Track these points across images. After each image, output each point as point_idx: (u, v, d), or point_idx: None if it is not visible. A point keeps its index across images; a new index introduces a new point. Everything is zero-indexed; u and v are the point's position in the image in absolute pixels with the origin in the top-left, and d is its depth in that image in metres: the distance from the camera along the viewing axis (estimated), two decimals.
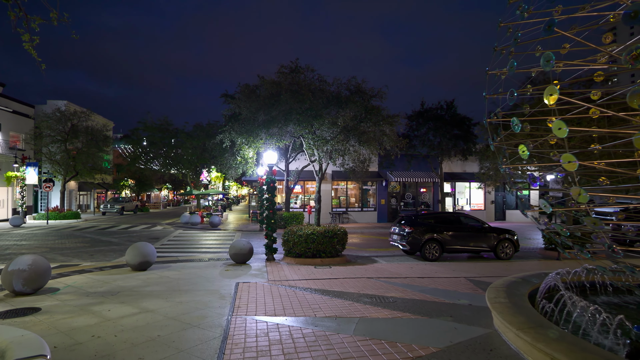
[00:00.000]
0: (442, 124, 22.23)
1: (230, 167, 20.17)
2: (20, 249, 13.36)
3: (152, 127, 28.36)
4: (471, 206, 27.58)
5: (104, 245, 14.38)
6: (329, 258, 10.94)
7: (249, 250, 10.66)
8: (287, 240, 11.19)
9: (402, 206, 26.41)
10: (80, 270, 9.18)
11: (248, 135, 10.98)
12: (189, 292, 7.20)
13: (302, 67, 11.59)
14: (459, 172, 27.01)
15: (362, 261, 11.44)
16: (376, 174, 25.41)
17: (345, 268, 10.13)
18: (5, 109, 27.24)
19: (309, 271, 9.61)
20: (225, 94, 19.35)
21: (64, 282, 7.87)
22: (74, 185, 36.05)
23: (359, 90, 11.94)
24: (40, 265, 6.78)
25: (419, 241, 11.87)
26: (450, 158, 24.86)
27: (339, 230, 11.20)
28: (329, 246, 10.90)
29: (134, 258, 9.06)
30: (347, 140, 10.22)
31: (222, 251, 13.48)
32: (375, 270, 9.92)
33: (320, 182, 12.08)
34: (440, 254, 11.90)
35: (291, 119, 10.79)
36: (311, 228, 11.10)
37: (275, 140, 11.09)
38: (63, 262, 10.79)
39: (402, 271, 9.88)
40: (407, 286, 7.96)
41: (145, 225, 23.49)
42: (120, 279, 8.30)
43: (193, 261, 10.89)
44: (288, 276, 8.92)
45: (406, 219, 12.47)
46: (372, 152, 11.01)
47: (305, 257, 10.89)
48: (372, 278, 8.81)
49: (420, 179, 25.28)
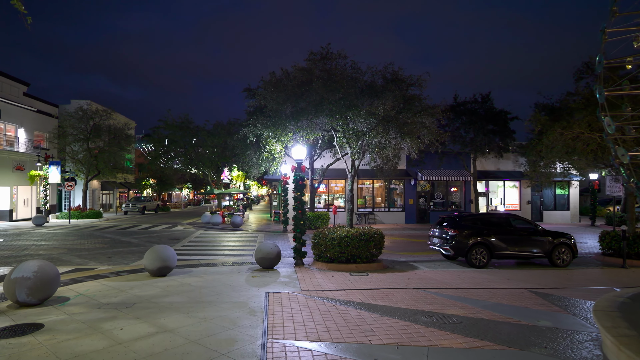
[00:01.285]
0: (476, 119, 20.68)
1: (253, 165, 19.30)
2: (38, 249, 12.83)
3: (173, 126, 27.91)
4: (505, 206, 25.86)
5: (123, 247, 13.72)
6: (365, 264, 9.84)
7: (276, 254, 9.68)
8: (317, 244, 10.15)
9: (431, 206, 24.98)
10: (95, 276, 8.40)
11: (275, 128, 10.00)
12: (214, 304, 6.24)
13: (333, 54, 10.53)
14: (493, 170, 25.35)
15: (401, 267, 10.28)
16: (404, 172, 24.08)
17: (385, 276, 9.01)
18: (29, 108, 27.32)
19: (345, 279, 8.53)
20: (247, 89, 18.53)
21: (75, 290, 7.06)
22: (97, 185, 36.18)
23: (396, 78, 10.77)
24: (48, 273, 5.96)
25: (464, 245, 10.61)
26: (483, 155, 23.26)
27: (375, 233, 10.08)
28: (365, 251, 9.80)
29: (153, 263, 8.20)
30: (386, 133, 9.07)
31: (246, 254, 12.58)
32: (419, 279, 8.75)
33: (353, 180, 10.98)
34: (488, 260, 10.60)
35: (322, 110, 9.74)
36: (345, 230, 10.02)
37: (305, 134, 10.06)
38: (79, 266, 10.09)
39: (450, 280, 8.68)
40: (464, 300, 6.78)
41: (165, 225, 22.97)
42: (137, 286, 7.45)
43: (216, 265, 9.99)
44: (323, 285, 7.87)
45: (449, 221, 11.21)
46: (414, 146, 9.82)
47: (338, 263, 9.82)
48: (419, 289, 7.65)
49: (450, 178, 23.80)
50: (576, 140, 11.23)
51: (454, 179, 23.89)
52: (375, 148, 9.42)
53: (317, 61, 10.39)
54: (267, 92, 11.15)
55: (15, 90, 26.75)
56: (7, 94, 25.69)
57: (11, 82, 26.45)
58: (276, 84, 10.82)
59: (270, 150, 10.81)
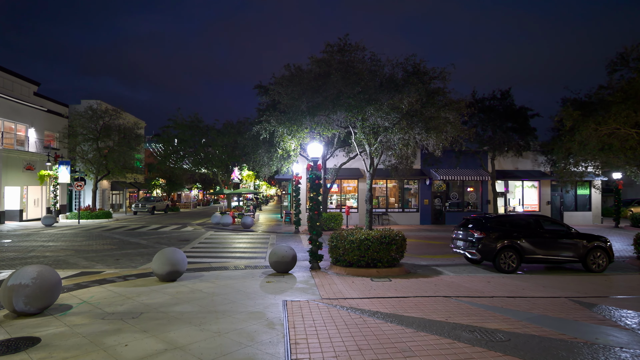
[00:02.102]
0: (495, 116, 19.87)
1: (264, 164, 18.77)
2: (44, 251, 12.45)
3: (183, 125, 27.56)
4: (524, 207, 24.95)
5: (131, 248, 13.28)
6: (386, 268, 9.20)
7: (292, 258, 9.11)
8: (335, 247, 9.54)
9: (447, 207, 24.19)
10: (101, 280, 7.91)
11: (291, 124, 9.41)
12: (227, 314, 5.68)
13: (351, 45, 9.90)
14: (511, 170, 24.46)
15: (424, 272, 9.62)
16: (419, 171, 23.35)
17: (409, 282, 8.36)
18: (39, 108, 27.22)
19: (367, 285, 7.91)
20: (259, 85, 18.01)
21: (79, 297, 6.56)
22: (107, 185, 36.07)
23: (418, 71, 10.11)
24: (48, 280, 5.46)
25: (492, 249, 9.90)
26: (502, 154, 22.42)
27: (397, 236, 9.43)
28: (386, 254, 9.16)
29: (162, 267, 7.68)
30: (411, 128, 8.40)
31: (258, 256, 12.04)
32: (446, 285, 8.09)
33: (372, 179, 10.35)
34: (517, 265, 9.88)
35: (341, 105, 9.12)
36: (364, 233, 9.39)
37: (322, 129, 9.46)
38: (85, 269, 9.63)
39: (480, 287, 8.01)
40: (503, 311, 6.11)
41: (175, 225, 22.58)
42: (145, 292, 6.92)
43: (228, 269, 9.45)
44: (344, 292, 7.26)
45: (475, 222, 10.51)
46: (441, 142, 9.13)
47: (357, 267, 9.20)
48: (450, 297, 7.00)
49: (467, 177, 22.98)
50: (612, 136, 10.44)
51: (471, 178, 23.07)
52: (399, 144, 8.75)
53: (335, 53, 9.78)
54: (280, 86, 10.58)
55: (25, 89, 26.67)
56: (17, 93, 25.61)
57: (22, 82, 26.37)
58: (291, 78, 10.25)
59: (285, 147, 10.24)
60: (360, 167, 23.05)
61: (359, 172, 22.95)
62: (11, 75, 25.25)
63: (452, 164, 22.79)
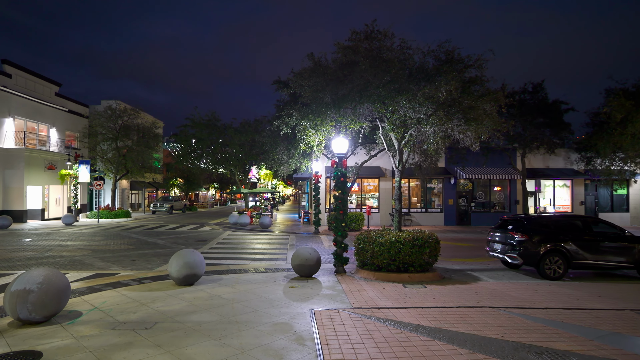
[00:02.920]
0: (526, 111, 18.70)
1: (282, 162, 18.19)
2: (62, 250, 12.19)
3: (200, 124, 27.35)
4: (555, 207, 23.61)
5: (148, 248, 12.90)
6: (419, 273, 8.44)
7: (316, 261, 8.46)
8: (362, 249, 8.84)
9: (472, 207, 23.09)
10: (115, 284, 7.44)
11: (315, 117, 8.75)
12: (250, 326, 5.06)
13: (379, 32, 9.17)
14: (542, 168, 23.16)
15: (459, 277, 8.81)
16: (443, 170, 22.35)
17: (446, 289, 7.58)
18: (61, 108, 27.46)
19: (399, 292, 7.18)
20: (277, 80, 17.44)
21: (90, 302, 6.07)
22: (126, 185, 36.31)
23: (452, 58, 9.29)
24: (55, 285, 4.96)
25: (535, 253, 9.00)
26: (532, 151, 21.20)
27: (430, 238, 8.66)
28: (419, 258, 8.40)
29: (179, 270, 7.15)
30: (449, 119, 7.60)
31: (278, 258, 11.44)
32: (489, 293, 7.28)
33: (401, 177, 9.58)
34: (564, 271, 8.95)
35: (369, 95, 8.41)
36: (394, 234, 8.66)
37: (349, 123, 8.76)
38: (100, 270, 9.22)
39: (528, 296, 7.16)
40: (566, 327, 5.28)
41: (193, 225, 22.28)
42: (160, 298, 6.39)
43: (248, 272, 8.87)
44: (376, 300, 6.56)
45: (515, 224, 9.62)
46: (482, 134, 8.28)
47: (387, 272, 8.47)
48: (497, 308, 6.20)
49: (494, 176, 21.82)
50: None
51: (498, 177, 21.91)
52: (436, 137, 7.95)
53: (361, 41, 9.07)
54: (302, 78, 9.93)
55: (47, 90, 26.94)
56: (39, 94, 25.87)
57: (44, 83, 26.64)
58: (313, 68, 9.59)
59: (309, 142, 9.59)
60: (381, 165, 22.24)
61: (380, 171, 22.15)
62: (33, 76, 25.52)
63: (479, 162, 21.69)
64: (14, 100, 23.27)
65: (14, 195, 22.64)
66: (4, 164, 22.36)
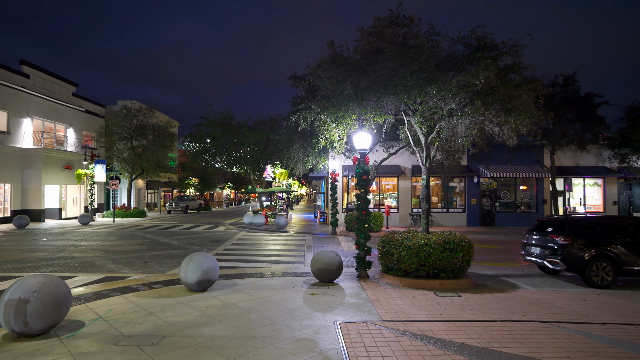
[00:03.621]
0: (556, 105, 17.59)
1: (298, 160, 17.61)
2: (74, 251, 11.89)
3: (214, 122, 27.06)
4: (586, 207, 22.34)
5: (161, 249, 12.50)
6: (450, 280, 7.70)
7: (337, 265, 7.82)
8: (387, 253, 8.15)
9: (497, 207, 22.04)
10: (124, 288, 6.96)
11: (336, 110, 8.10)
12: (268, 341, 4.46)
13: (404, 17, 8.45)
14: (571, 166, 21.93)
15: (494, 284, 8.04)
16: (466, 168, 21.37)
17: (482, 298, 6.84)
18: (78, 108, 27.60)
19: (432, 302, 6.48)
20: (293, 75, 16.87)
21: (95, 311, 5.58)
22: (142, 184, 36.43)
23: (485, 45, 8.49)
24: (53, 293, 4.46)
25: (580, 258, 8.13)
26: (561, 148, 20.03)
27: (463, 241, 7.91)
28: (450, 263, 7.66)
29: (191, 275, 6.62)
30: (487, 109, 6.82)
31: (296, 260, 10.85)
32: (533, 304, 6.50)
33: (428, 174, 8.85)
34: (614, 279, 8.05)
35: (396, 85, 7.71)
36: (423, 237, 7.94)
37: (373, 116, 8.08)
38: (110, 273, 8.79)
39: (578, 308, 6.36)
40: (637, 348, 4.49)
41: (207, 225, 21.94)
42: (170, 306, 5.86)
43: (264, 276, 8.30)
44: (408, 312, 5.87)
45: (556, 225, 8.76)
46: (524, 127, 7.46)
47: (415, 277, 7.76)
48: (548, 323, 5.44)
49: (520, 174, 20.72)
50: None
51: (525, 175, 20.81)
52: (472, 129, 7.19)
53: (386, 28, 8.37)
54: (321, 69, 9.29)
55: (64, 90, 27.08)
56: (56, 94, 26.01)
57: (61, 83, 26.79)
58: (333, 59, 8.94)
59: (329, 137, 8.95)
60: (400, 163, 21.43)
61: (399, 169, 21.33)
62: (51, 76, 25.67)
63: (504, 160, 20.65)
64: (32, 100, 23.39)
65: (32, 195, 22.74)
66: (22, 164, 22.48)
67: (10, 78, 22.00)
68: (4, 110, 21.51)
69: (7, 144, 21.54)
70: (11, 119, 21.92)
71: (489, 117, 6.91)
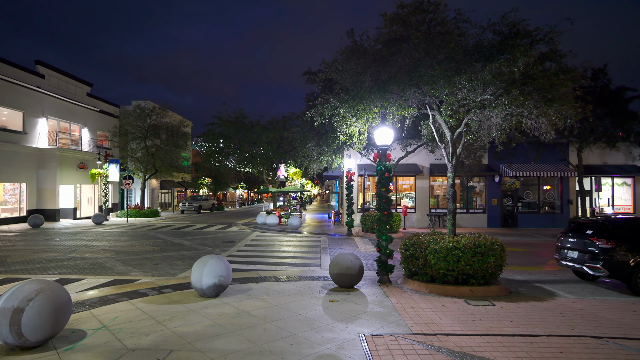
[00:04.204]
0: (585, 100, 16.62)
1: (313, 159, 17.10)
2: (85, 251, 11.63)
3: (227, 121, 26.80)
4: (614, 208, 21.24)
5: (173, 250, 12.15)
6: (482, 286, 7.08)
7: (358, 269, 7.30)
8: (412, 256, 7.57)
9: (519, 208, 21.12)
10: (132, 293, 6.56)
11: (356, 102, 7.54)
12: (288, 357, 3.96)
13: (429, 3, 7.85)
14: (598, 165, 20.86)
15: (529, 291, 7.38)
16: (487, 167, 20.53)
17: (519, 307, 6.20)
18: (92, 108, 27.70)
19: (464, 311, 5.88)
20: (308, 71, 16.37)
21: (99, 318, 5.17)
22: (156, 184, 36.51)
23: (517, 32, 7.81)
24: (51, 302, 4.05)
25: (625, 264, 7.41)
26: (589, 145, 19.02)
27: (495, 244, 7.27)
28: (481, 268, 7.04)
29: (202, 280, 6.17)
30: (526, 99, 6.14)
31: (312, 263, 10.35)
32: (577, 315, 5.84)
33: (455, 172, 8.23)
34: None
35: (421, 76, 7.13)
36: (451, 240, 7.34)
37: (396, 109, 7.50)
38: (119, 275, 8.44)
39: (629, 320, 5.69)
40: None
41: (220, 225, 21.63)
42: (180, 314, 5.41)
43: (279, 280, 7.82)
44: (440, 323, 5.30)
45: (596, 227, 8.03)
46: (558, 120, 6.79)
47: (443, 284, 7.17)
48: (601, 338, 4.79)
49: (545, 173, 19.78)
50: None
51: (550, 174, 19.86)
52: (511, 120, 6.52)
53: (410, 14, 7.79)
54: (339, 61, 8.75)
55: (79, 90, 27.20)
56: (71, 94, 26.12)
57: (75, 83, 26.91)
58: (352, 49, 8.39)
59: (349, 132, 8.41)
60: (418, 162, 20.73)
61: (417, 168, 20.63)
62: (65, 76, 25.78)
63: (527, 158, 19.73)
64: (47, 100, 23.50)
65: (47, 194, 22.82)
66: (37, 163, 22.58)
67: (25, 78, 22.11)
68: (20, 110, 21.62)
69: (22, 143, 21.64)
70: (27, 119, 22.02)
71: (528, 108, 6.26)
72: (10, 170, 20.74)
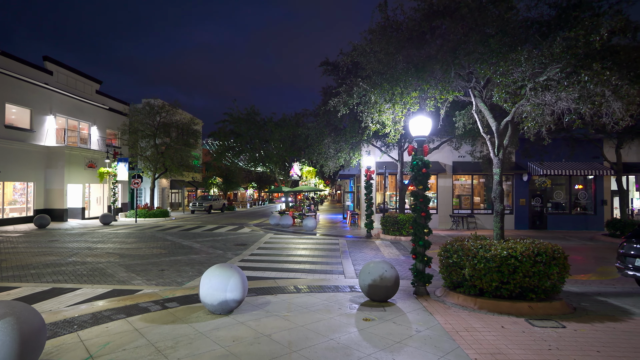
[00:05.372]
0: None
1: (330, 157, 16.06)
2: (87, 255, 10.79)
3: (239, 118, 25.94)
4: None
5: (182, 254, 11.23)
6: (542, 302, 5.94)
7: (394, 280, 6.25)
8: (455, 264, 6.48)
9: (548, 208, 19.73)
10: (130, 308, 5.60)
11: (391, 85, 6.45)
12: None
13: None
14: (636, 162, 19.36)
15: (595, 308, 6.22)
16: (514, 165, 19.21)
17: (595, 329, 5.07)
18: (101, 106, 27.13)
19: (532, 336, 4.78)
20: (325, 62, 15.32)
21: (87, 344, 4.21)
22: (166, 183, 35.92)
23: (578, 2, 6.66)
24: (17, 331, 3.08)
25: None
26: (627, 141, 17.55)
27: (557, 252, 6.14)
28: (543, 280, 5.90)
29: (213, 294, 5.18)
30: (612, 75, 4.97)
31: (333, 269, 9.30)
32: None
33: (501, 168, 7.11)
34: None
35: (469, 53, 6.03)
36: (505, 246, 6.21)
37: (440, 92, 6.41)
38: (120, 284, 7.51)
39: None
40: None
41: (231, 226, 20.74)
42: (185, 339, 4.42)
43: (301, 291, 6.79)
44: (509, 354, 4.21)
45: None
46: None
47: (495, 298, 6.05)
48: None
49: (577, 172, 18.38)
50: None
51: (583, 173, 18.47)
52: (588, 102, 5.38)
53: None
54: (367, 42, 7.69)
55: (88, 88, 26.64)
56: (80, 91, 25.55)
57: (84, 80, 26.35)
58: (384, 27, 7.31)
59: (381, 120, 7.33)
60: (440, 159, 19.52)
61: (440, 166, 19.43)
62: (74, 73, 25.22)
63: (558, 155, 18.35)
64: (56, 97, 22.93)
65: (55, 194, 22.24)
66: (45, 162, 22.02)
67: (33, 74, 21.54)
68: (27, 107, 21.05)
69: (30, 141, 21.08)
70: (34, 116, 21.45)
71: (610, 87, 5.10)
72: (18, 169, 20.17)
